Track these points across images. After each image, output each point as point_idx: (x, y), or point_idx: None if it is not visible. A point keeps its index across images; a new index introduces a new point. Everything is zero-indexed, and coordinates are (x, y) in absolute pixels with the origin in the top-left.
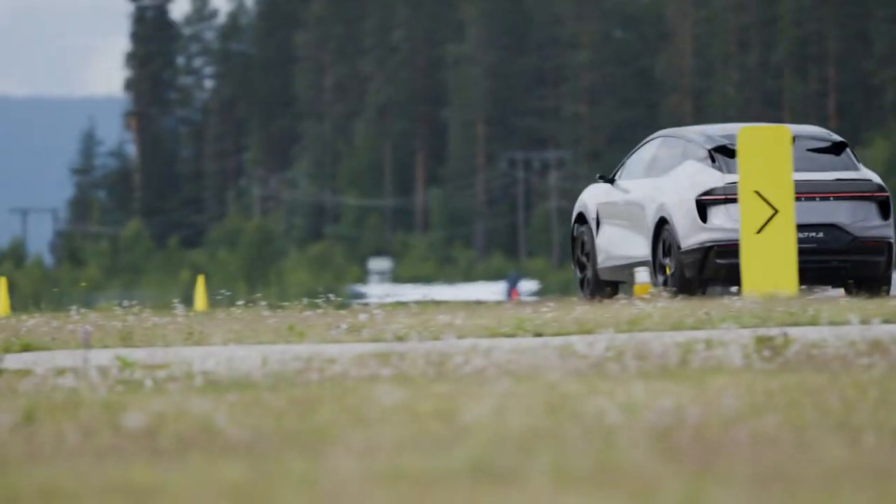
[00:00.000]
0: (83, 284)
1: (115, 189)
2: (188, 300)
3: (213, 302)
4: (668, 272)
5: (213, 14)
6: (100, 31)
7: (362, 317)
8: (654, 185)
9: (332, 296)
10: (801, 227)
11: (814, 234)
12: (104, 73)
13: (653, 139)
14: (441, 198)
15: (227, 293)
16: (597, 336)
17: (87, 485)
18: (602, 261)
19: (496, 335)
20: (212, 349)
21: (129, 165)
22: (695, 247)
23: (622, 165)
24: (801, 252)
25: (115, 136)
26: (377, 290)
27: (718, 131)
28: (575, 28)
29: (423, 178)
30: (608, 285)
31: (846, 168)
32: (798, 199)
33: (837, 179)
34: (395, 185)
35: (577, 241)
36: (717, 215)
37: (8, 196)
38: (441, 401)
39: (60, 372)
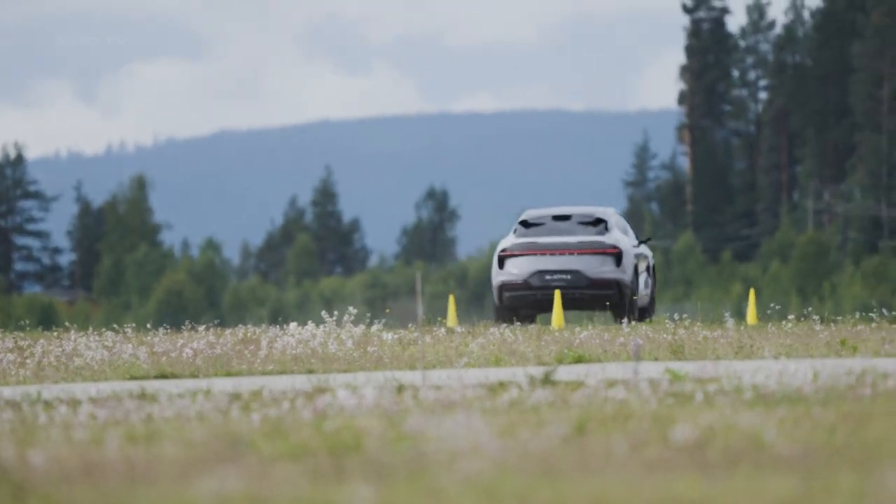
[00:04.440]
0: None
1: (667, 201)
2: (739, 314)
3: (764, 316)
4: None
5: (770, 26)
6: (654, 42)
7: None
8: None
9: (885, 310)
10: (555, 272)
11: (564, 276)
12: (657, 85)
13: None
14: None
15: (778, 307)
16: None
17: (634, 496)
18: None
19: None
20: (762, 363)
21: (681, 178)
22: (497, 285)
23: None
24: (556, 288)
25: (669, 148)
26: None
27: (541, 210)
28: None
29: None
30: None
31: (597, 234)
32: (553, 254)
33: (579, 241)
34: None
35: None
36: (508, 265)
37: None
38: None
39: (611, 384)
